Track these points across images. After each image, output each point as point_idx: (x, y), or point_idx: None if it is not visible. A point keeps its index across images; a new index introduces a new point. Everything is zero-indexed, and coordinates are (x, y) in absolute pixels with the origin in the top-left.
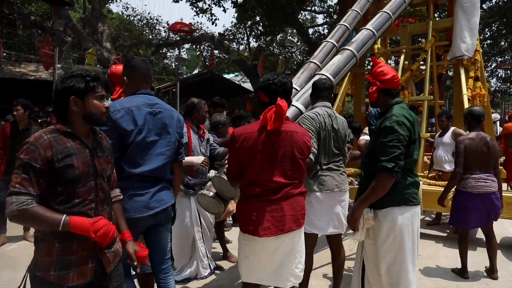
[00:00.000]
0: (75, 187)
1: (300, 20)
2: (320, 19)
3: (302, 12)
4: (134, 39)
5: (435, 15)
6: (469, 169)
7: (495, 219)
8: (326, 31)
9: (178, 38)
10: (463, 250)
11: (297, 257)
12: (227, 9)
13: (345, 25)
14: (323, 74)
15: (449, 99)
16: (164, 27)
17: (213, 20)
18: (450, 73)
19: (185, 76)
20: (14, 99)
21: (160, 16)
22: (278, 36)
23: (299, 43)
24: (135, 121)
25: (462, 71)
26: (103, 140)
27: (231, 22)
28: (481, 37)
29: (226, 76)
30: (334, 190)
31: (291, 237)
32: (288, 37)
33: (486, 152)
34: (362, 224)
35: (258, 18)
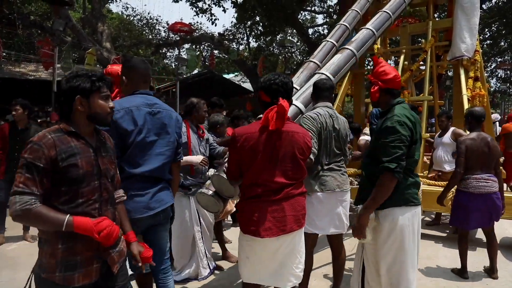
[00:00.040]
0: (79, 187)
1: (300, 20)
2: (320, 19)
3: (302, 12)
4: (134, 39)
5: (435, 15)
6: (470, 169)
7: (496, 220)
8: (326, 31)
9: (178, 38)
10: (463, 250)
11: (297, 257)
12: (227, 9)
13: (344, 25)
14: (322, 73)
15: (448, 99)
16: (164, 27)
17: (213, 20)
18: (450, 74)
19: (185, 76)
20: (13, 99)
21: (160, 16)
22: (278, 36)
23: (299, 43)
24: (135, 121)
25: (461, 72)
26: (106, 140)
27: (231, 22)
28: (480, 37)
29: (226, 76)
30: (335, 190)
31: (292, 237)
32: (288, 37)
33: (487, 152)
34: None
35: (258, 18)
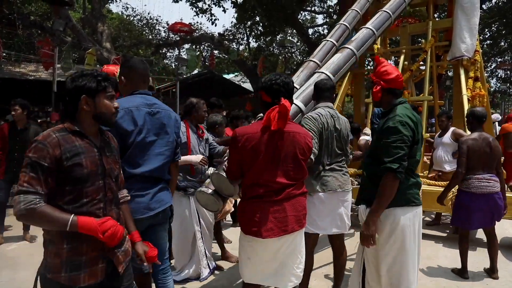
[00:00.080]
0: (84, 186)
1: (300, 20)
2: (320, 19)
3: (302, 12)
4: (134, 39)
5: (435, 16)
6: (471, 170)
7: (498, 219)
8: (326, 31)
9: (178, 38)
10: (463, 250)
11: (298, 257)
12: (227, 9)
13: (344, 25)
14: (322, 72)
15: (448, 99)
16: (164, 27)
17: (213, 20)
18: (450, 74)
19: (185, 76)
20: (13, 99)
21: (160, 16)
22: (278, 36)
23: (299, 43)
24: (135, 121)
25: (461, 72)
26: (111, 140)
27: (231, 22)
28: (481, 37)
29: (226, 76)
30: (337, 190)
31: (293, 238)
32: (288, 37)
33: (488, 152)
34: None
35: (258, 18)
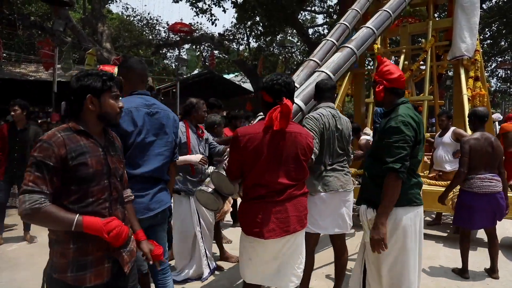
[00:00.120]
0: (89, 186)
1: (300, 20)
2: (320, 19)
3: (302, 12)
4: (134, 39)
5: (435, 15)
6: (473, 169)
7: (499, 219)
8: (326, 31)
9: (178, 38)
10: (464, 250)
11: (299, 257)
12: (227, 9)
13: (345, 24)
14: (322, 71)
15: (449, 99)
16: (164, 28)
17: (213, 20)
18: (450, 73)
19: (185, 76)
20: (12, 100)
21: (160, 16)
22: (278, 36)
23: (299, 43)
24: (135, 122)
25: (462, 71)
26: (115, 139)
27: (231, 22)
28: (481, 37)
29: (226, 76)
30: (338, 190)
31: (295, 238)
32: (288, 37)
33: (490, 152)
34: (367, 225)
35: (258, 18)
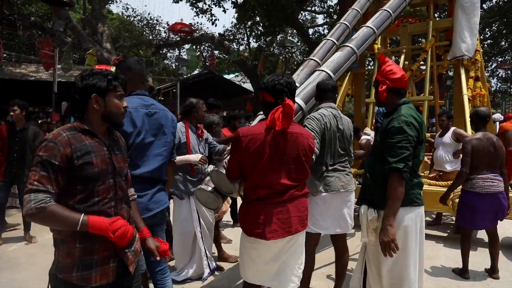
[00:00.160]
0: (94, 185)
1: (300, 20)
2: (320, 19)
3: (302, 12)
4: (134, 39)
5: (435, 15)
6: (475, 169)
7: (501, 219)
8: (326, 31)
9: (178, 38)
10: (465, 250)
11: (300, 258)
12: (227, 9)
13: (345, 24)
14: (323, 70)
15: (449, 99)
16: (164, 28)
17: (213, 20)
18: (450, 73)
19: (185, 76)
20: (11, 100)
21: (160, 16)
22: (278, 36)
23: (299, 43)
24: (134, 122)
25: (462, 71)
26: (119, 139)
27: (231, 22)
28: (481, 37)
29: (226, 76)
30: (340, 190)
31: (296, 238)
32: (288, 37)
33: (492, 152)
34: (366, 225)
35: (258, 18)
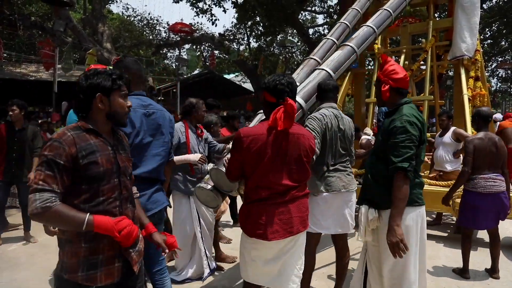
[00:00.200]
0: (99, 185)
1: (300, 20)
2: (320, 19)
3: (302, 12)
4: (134, 39)
5: (435, 15)
6: (477, 169)
7: (502, 219)
8: (326, 31)
9: (178, 38)
10: (465, 250)
11: (301, 258)
12: (227, 9)
13: (345, 23)
14: (323, 69)
15: (449, 99)
16: (164, 28)
17: (213, 20)
18: (450, 73)
19: (185, 76)
20: (10, 100)
21: (160, 16)
22: (278, 36)
23: (299, 43)
24: (133, 123)
25: (462, 71)
26: (123, 138)
27: (231, 22)
28: (481, 37)
29: (226, 76)
30: (341, 191)
31: (297, 239)
32: (288, 37)
33: (494, 152)
34: (364, 225)
35: (258, 18)
